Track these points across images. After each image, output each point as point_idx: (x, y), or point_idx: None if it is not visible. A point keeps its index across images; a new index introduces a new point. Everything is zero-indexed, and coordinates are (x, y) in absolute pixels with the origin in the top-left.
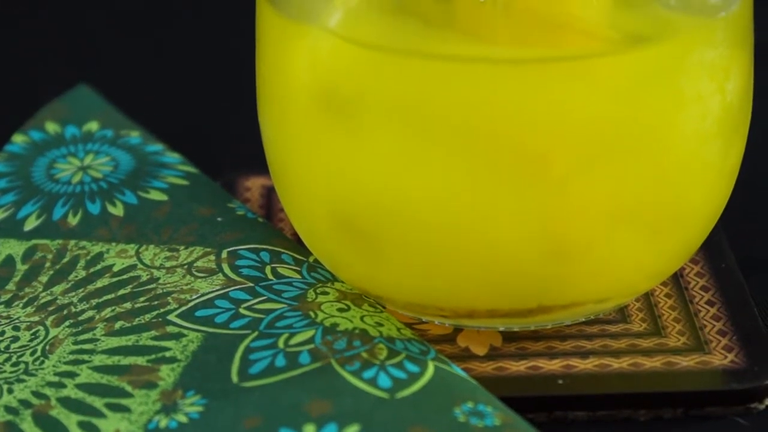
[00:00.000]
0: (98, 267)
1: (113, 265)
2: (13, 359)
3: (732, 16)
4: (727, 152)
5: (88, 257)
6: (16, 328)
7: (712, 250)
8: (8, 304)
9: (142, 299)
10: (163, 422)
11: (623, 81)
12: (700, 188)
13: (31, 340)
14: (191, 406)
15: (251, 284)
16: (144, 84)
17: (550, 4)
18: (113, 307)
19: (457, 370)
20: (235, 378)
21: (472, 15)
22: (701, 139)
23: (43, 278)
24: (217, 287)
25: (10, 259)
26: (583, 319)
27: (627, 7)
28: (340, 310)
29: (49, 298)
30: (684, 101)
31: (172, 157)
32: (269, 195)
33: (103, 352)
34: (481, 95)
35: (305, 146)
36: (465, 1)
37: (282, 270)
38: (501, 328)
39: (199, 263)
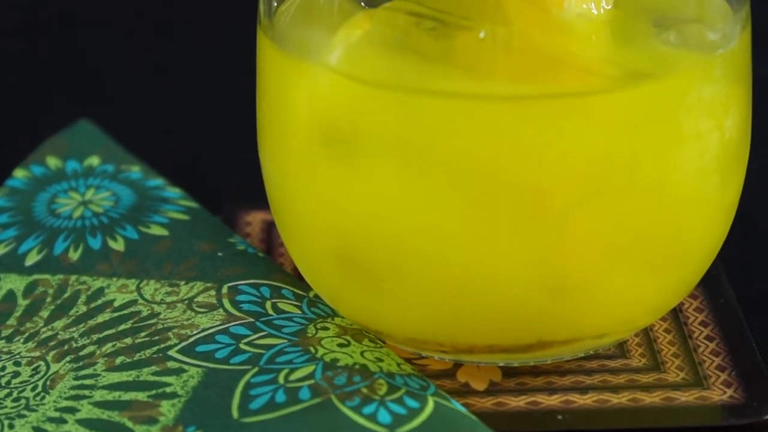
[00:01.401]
0: (99, 302)
1: (114, 300)
2: (14, 394)
3: (730, 53)
4: (725, 188)
5: (89, 292)
6: (17, 364)
7: (711, 285)
8: (9, 339)
9: (142, 334)
10: None
11: (622, 117)
12: (699, 224)
13: (32, 376)
14: None
15: (252, 319)
16: (145, 118)
17: (549, 41)
18: (114, 343)
19: (456, 405)
20: (235, 413)
21: (471, 51)
22: (700, 175)
23: (44, 313)
24: (218, 322)
25: (11, 294)
26: (583, 355)
27: (626, 43)
28: (340, 345)
29: (50, 333)
30: (683, 137)
31: (173, 191)
32: (269, 229)
33: (104, 387)
34: (481, 131)
35: (305, 182)
36: (464, 37)
37: (282, 305)
38: (500, 364)
39: (199, 298)
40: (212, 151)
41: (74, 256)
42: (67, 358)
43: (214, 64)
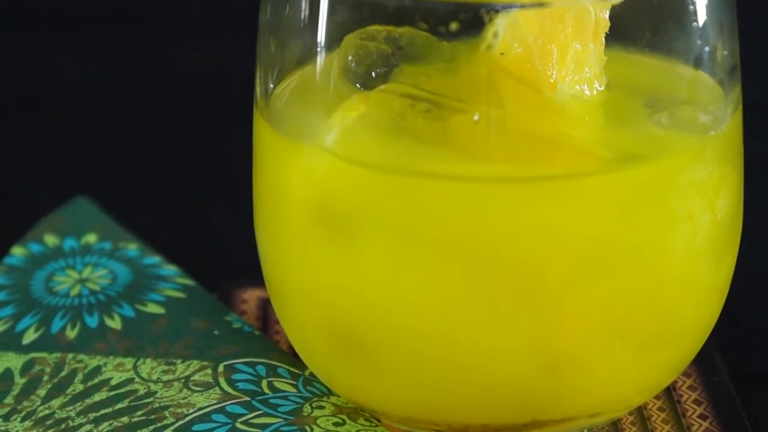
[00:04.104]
0: (96, 381)
1: (111, 378)
2: None
3: (722, 135)
4: (718, 268)
5: (86, 371)
6: None
7: (704, 363)
8: (6, 417)
9: (139, 413)
10: None
11: (615, 198)
12: (692, 303)
13: None
14: None
15: (248, 398)
16: (142, 195)
17: (542, 123)
18: (111, 421)
19: None
20: None
21: (465, 133)
22: (693, 256)
23: (42, 392)
24: (214, 401)
25: (8, 373)
26: None
27: (619, 124)
28: (335, 424)
29: (47, 411)
30: (675, 219)
31: (169, 269)
32: (265, 307)
33: None
34: (476, 213)
35: (301, 262)
36: (459, 119)
37: (278, 384)
38: None
39: (195, 377)
40: (209, 228)
41: (71, 334)
42: None
43: (212, 142)
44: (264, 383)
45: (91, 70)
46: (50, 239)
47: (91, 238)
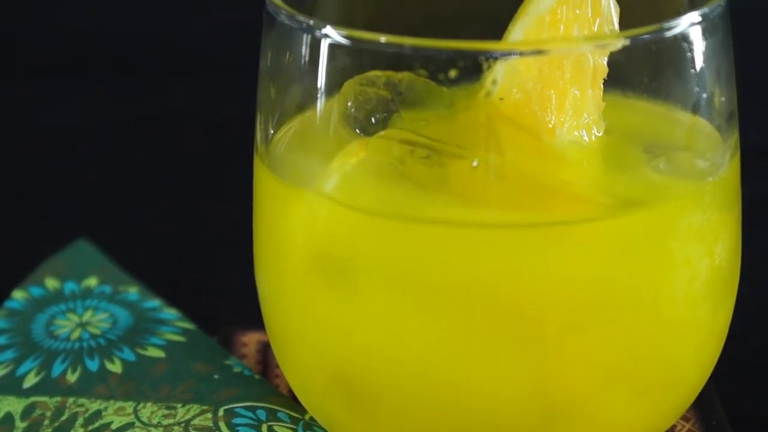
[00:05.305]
0: (96, 425)
1: (111, 422)
2: None
3: (720, 181)
4: (716, 312)
5: (87, 415)
6: None
7: (703, 407)
8: None
9: None
10: None
11: (613, 245)
12: (690, 348)
13: None
14: None
15: None
16: (143, 238)
17: (541, 169)
18: None
19: None
20: None
21: (465, 179)
22: (691, 301)
23: None
24: None
25: (9, 417)
26: None
27: (617, 170)
28: None
29: None
30: (674, 264)
31: (170, 313)
32: (265, 350)
33: None
34: (475, 259)
35: (301, 307)
36: (458, 165)
37: (278, 428)
38: None
39: (196, 421)
40: (209, 272)
41: (72, 378)
42: None
43: (212, 186)
44: (264, 427)
45: (92, 113)
46: (51, 283)
47: (91, 282)
